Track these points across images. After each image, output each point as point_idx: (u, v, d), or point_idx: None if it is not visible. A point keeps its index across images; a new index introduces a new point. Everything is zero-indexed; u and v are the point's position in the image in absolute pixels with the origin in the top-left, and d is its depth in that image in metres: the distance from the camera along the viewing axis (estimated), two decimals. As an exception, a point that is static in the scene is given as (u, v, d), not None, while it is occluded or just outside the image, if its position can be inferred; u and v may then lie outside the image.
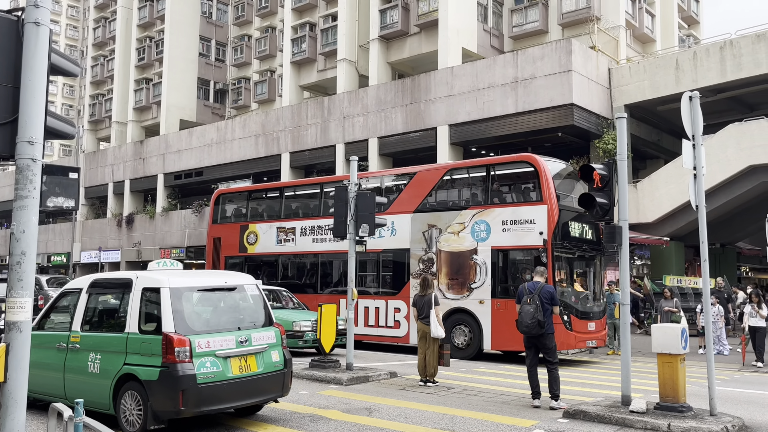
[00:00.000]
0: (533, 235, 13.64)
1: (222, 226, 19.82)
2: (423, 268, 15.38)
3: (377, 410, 8.36)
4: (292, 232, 17.93)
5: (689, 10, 36.95)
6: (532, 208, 13.85)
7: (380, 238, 15.57)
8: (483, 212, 14.54)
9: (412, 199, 15.99)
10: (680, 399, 7.80)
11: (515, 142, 26.71)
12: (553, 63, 23.98)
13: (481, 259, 14.41)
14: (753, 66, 22.54)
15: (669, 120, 26.00)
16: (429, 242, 15.43)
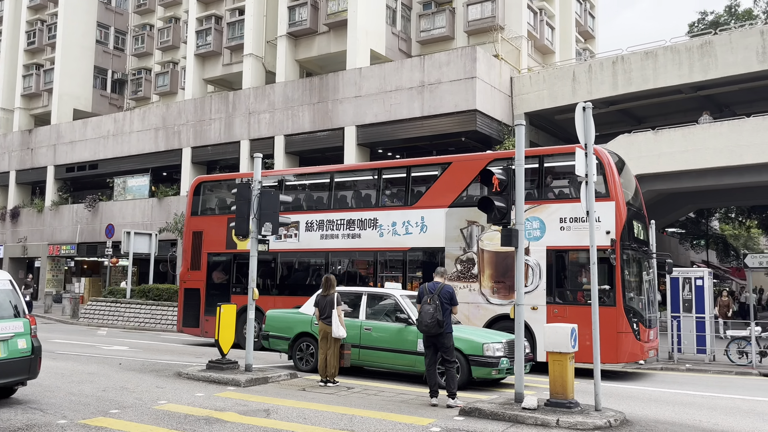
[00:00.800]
0: (598, 235, 12.05)
1: (204, 218, 17.69)
2: (461, 269, 13.84)
3: (275, 411, 8.24)
4: (294, 226, 15.82)
5: (586, 25, 38.86)
6: (597, 205, 12.37)
7: (407, 235, 14.40)
8: (536, 208, 13.03)
9: (446, 192, 14.25)
10: (569, 395, 8.17)
11: (421, 146, 27.18)
12: (459, 69, 24.56)
13: (534, 260, 12.97)
14: (641, 81, 24.00)
15: (565, 129, 27.22)
16: (468, 240, 13.80)
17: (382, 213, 14.95)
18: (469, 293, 13.56)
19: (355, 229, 15.22)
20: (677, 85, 23.82)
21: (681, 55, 23.39)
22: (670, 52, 23.63)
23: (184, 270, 17.84)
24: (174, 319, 22.34)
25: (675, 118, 26.48)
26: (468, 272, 13.81)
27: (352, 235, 15.22)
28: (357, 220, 15.24)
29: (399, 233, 14.61)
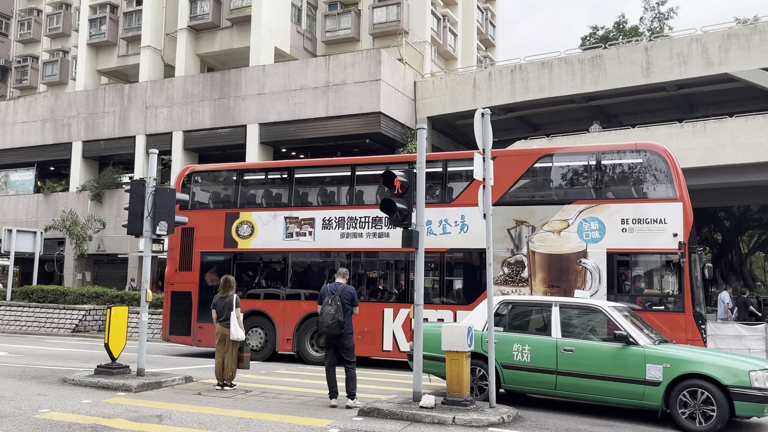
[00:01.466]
0: (664, 237, 11.75)
1: (196, 213, 15.35)
2: (509, 272, 12.89)
3: (169, 417, 7.94)
4: (309, 223, 14.55)
5: (487, 33, 40.11)
6: (663, 206, 11.95)
7: (444, 234, 13.31)
8: (594, 208, 12.32)
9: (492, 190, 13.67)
10: (465, 393, 8.37)
11: (325, 146, 27.10)
12: (363, 71, 24.69)
13: (593, 263, 12.21)
14: (538, 90, 25.04)
15: (466, 134, 27.97)
16: (517, 241, 12.88)
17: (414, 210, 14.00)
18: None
19: (382, 227, 13.81)
20: (570, 95, 25.03)
21: (574, 67, 24.59)
22: (565, 64, 24.80)
23: (170, 271, 15.58)
24: (62, 323, 21.11)
25: (568, 127, 27.81)
26: (517, 276, 12.88)
27: (378, 234, 13.84)
28: (385, 217, 13.55)
29: (435, 233, 13.35)
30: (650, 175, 12.50)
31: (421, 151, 9.40)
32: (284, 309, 14.49)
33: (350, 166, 14.96)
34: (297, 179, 15.31)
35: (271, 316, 14.47)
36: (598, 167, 12.77)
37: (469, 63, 34.93)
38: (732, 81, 23.02)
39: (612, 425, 8.25)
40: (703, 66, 22.81)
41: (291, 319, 14.34)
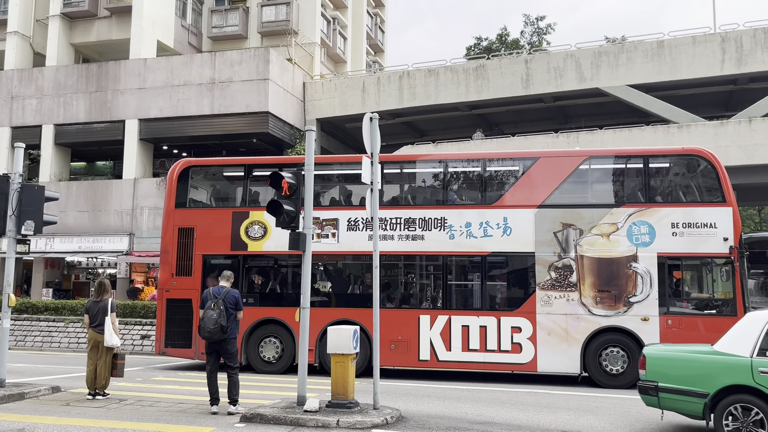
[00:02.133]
0: (715, 242, 11.87)
1: (196, 212, 14.19)
2: (556, 277, 12.53)
3: (32, 431, 7.38)
4: (332, 224, 13.47)
5: (376, 38, 40.58)
6: (713, 210, 12.05)
7: (485, 237, 12.80)
8: (644, 212, 12.29)
9: (534, 191, 12.89)
10: (349, 396, 8.38)
11: (210, 144, 26.35)
12: (251, 69, 24.23)
13: (643, 267, 12.15)
14: (425, 96, 25.63)
15: (355, 137, 28.13)
16: (564, 245, 12.57)
17: (452, 212, 13.09)
18: (567, 303, 12.40)
19: (416, 229, 13.15)
20: (455, 103, 25.82)
21: (459, 76, 25.39)
22: (450, 72, 25.54)
23: (165, 276, 13.93)
24: None
25: (453, 133, 28.68)
26: (565, 280, 12.54)
27: (412, 236, 13.18)
28: (419, 218, 13.15)
29: (475, 235, 12.89)
30: (699, 179, 12.73)
31: (309, 152, 9.33)
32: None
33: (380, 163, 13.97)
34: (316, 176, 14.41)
35: (289, 325, 13.20)
36: (645, 170, 12.75)
37: (359, 67, 35.19)
38: (602, 95, 24.63)
39: (490, 423, 8.55)
40: (577, 80, 24.25)
41: (313, 327, 12.54)
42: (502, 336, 12.54)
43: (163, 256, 14.01)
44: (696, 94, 24.87)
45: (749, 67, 22.46)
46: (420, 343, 12.80)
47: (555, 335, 12.35)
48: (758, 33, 22.41)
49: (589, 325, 12.25)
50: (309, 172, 9.21)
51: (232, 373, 8.70)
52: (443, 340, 12.76)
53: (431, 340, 12.80)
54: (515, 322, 12.52)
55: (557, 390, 11.58)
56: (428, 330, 12.82)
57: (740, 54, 22.45)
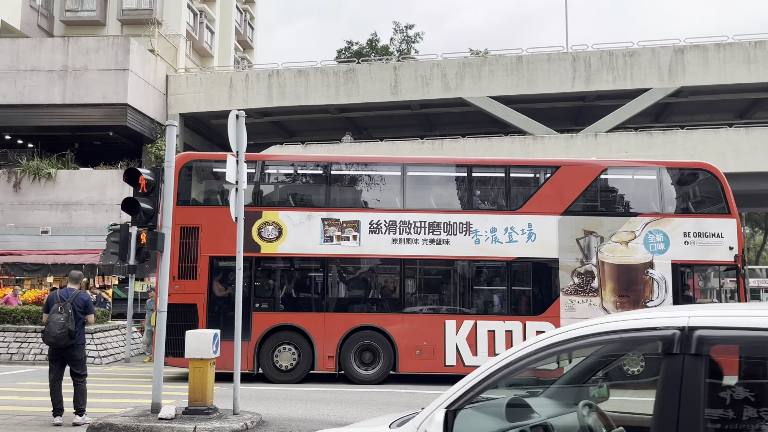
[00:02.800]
0: (722, 251, 12.59)
1: (202, 210, 13.12)
2: (579, 282, 12.83)
3: None
4: (353, 227, 12.88)
5: (245, 34, 39.75)
6: (719, 221, 12.83)
7: (511, 243, 12.84)
8: (659, 221, 12.87)
9: (557, 198, 13.13)
10: (208, 401, 8.10)
11: (60, 136, 24.55)
12: (110, 58, 22.88)
13: (659, 273, 12.68)
14: (294, 97, 25.43)
15: (221, 134, 27.36)
16: (586, 251, 12.88)
17: (477, 216, 13.07)
18: (589, 308, 12.70)
19: (441, 233, 12.97)
20: (325, 105, 25.84)
21: (330, 78, 25.44)
22: (321, 74, 25.53)
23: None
24: None
25: (322, 135, 28.67)
26: (587, 286, 12.88)
27: (437, 240, 12.96)
28: (444, 223, 12.99)
29: (501, 241, 12.94)
30: (707, 192, 13.54)
31: (170, 148, 8.92)
32: (325, 322, 12.81)
33: (401, 165, 13.60)
34: (334, 176, 13.71)
35: (307, 331, 12.66)
36: (659, 182, 13.37)
37: (226, 62, 34.28)
38: (466, 105, 25.69)
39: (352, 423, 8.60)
40: (443, 89, 25.12)
41: (334, 333, 12.72)
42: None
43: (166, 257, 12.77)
44: (550, 108, 26.59)
45: (596, 85, 24.37)
46: (446, 349, 12.70)
47: None
48: (604, 55, 24.38)
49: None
50: (169, 168, 8.81)
51: (80, 381, 8.14)
52: (469, 345, 12.72)
53: (457, 345, 12.74)
54: (540, 327, 12.58)
55: (426, 389, 11.86)
56: (454, 335, 12.74)
57: (589, 73, 24.31)
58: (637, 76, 24.01)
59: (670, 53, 23.88)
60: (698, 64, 23.58)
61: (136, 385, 11.92)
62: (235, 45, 37.24)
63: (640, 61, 24.00)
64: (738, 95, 25.29)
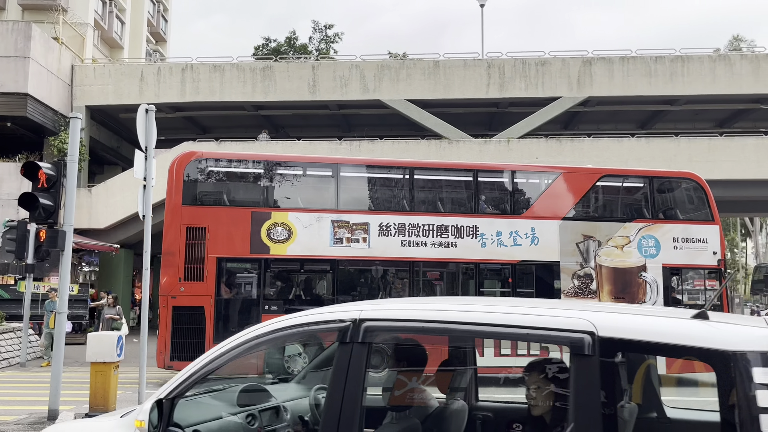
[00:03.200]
0: (707, 255, 13.45)
1: (208, 209, 12.86)
2: (579, 284, 13.46)
3: None
4: (362, 229, 13.04)
5: (158, 26, 38.45)
6: (704, 227, 13.64)
7: (515, 246, 13.25)
8: (651, 227, 13.57)
9: (558, 204, 13.68)
10: (110, 406, 7.74)
11: (-49, 125, 22.92)
12: (8, 45, 21.58)
13: (651, 276, 13.42)
14: (209, 92, 24.79)
15: (130, 129, 26.26)
16: (585, 255, 13.48)
17: (483, 220, 13.41)
18: None
19: (449, 236, 13.23)
20: (241, 102, 25.33)
21: (246, 74, 24.96)
22: (237, 70, 25.01)
23: (171, 280, 12.29)
24: None
25: (238, 132, 28.09)
26: (586, 288, 13.48)
27: (445, 243, 13.21)
28: (451, 226, 13.28)
29: (506, 244, 13.31)
30: (693, 200, 14.32)
31: (74, 141, 8.49)
32: None
33: (409, 169, 13.79)
34: (343, 178, 13.78)
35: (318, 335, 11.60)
36: (651, 190, 14.06)
37: (137, 54, 33.01)
38: (384, 107, 25.82)
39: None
40: (361, 90, 25.15)
41: None
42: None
43: (167, 258, 12.41)
44: (465, 113, 27.14)
45: (510, 92, 25.06)
46: None
47: None
48: (518, 63, 25.11)
49: None
50: (72, 163, 8.37)
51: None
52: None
53: None
54: None
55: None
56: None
57: (503, 80, 24.98)
58: (548, 85, 24.85)
59: (579, 64, 24.85)
60: (604, 76, 24.66)
61: (32, 391, 11.25)
62: (147, 37, 35.92)
63: (551, 71, 24.88)
64: (640, 106, 26.61)
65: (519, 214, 13.70)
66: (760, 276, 44.88)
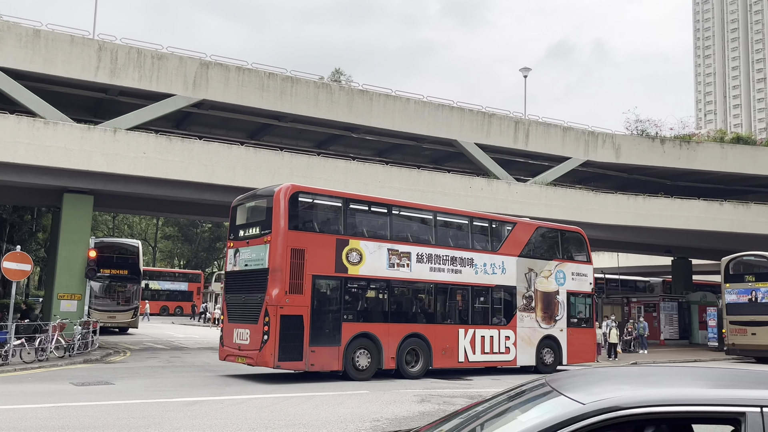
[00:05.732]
0: (586, 284, 20.65)
1: (307, 235, 15.55)
2: (526, 303, 19.11)
3: None
4: (406, 256, 16.96)
5: None
6: (585, 266, 20.87)
7: (493, 274, 18.53)
8: (561, 264, 20.14)
9: (516, 245, 19.30)
10: None
11: None
12: None
13: (561, 299, 19.94)
14: None
15: None
16: (529, 282, 19.25)
17: (477, 254, 18.39)
18: (531, 320, 19.17)
19: (457, 265, 17.85)
20: None
21: None
22: None
23: (279, 293, 14.69)
24: None
25: None
26: (529, 305, 19.13)
27: (454, 270, 17.77)
28: (459, 257, 17.95)
29: (487, 272, 18.48)
30: (579, 246, 21.10)
31: None
32: (388, 330, 16.31)
33: (434, 212, 18.33)
34: (395, 215, 17.60)
35: (377, 338, 15.96)
36: (562, 239, 20.72)
37: None
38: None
39: None
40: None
41: (393, 339, 16.30)
42: (501, 343, 18.42)
43: (274, 274, 14.80)
44: (69, 94, 24.49)
45: (121, 80, 23.28)
46: (459, 350, 17.56)
47: (524, 341, 18.94)
48: (132, 51, 23.56)
49: (539, 334, 19.30)
50: None
51: None
52: (471, 347, 17.77)
53: (465, 347, 17.64)
54: (506, 333, 18.59)
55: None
56: (463, 339, 17.66)
57: (115, 66, 23.12)
58: (163, 80, 23.95)
59: (197, 65, 24.51)
60: (220, 81, 24.80)
61: None
62: None
63: (168, 66, 24.00)
64: (251, 117, 27.41)
65: (496, 251, 18.88)
66: None
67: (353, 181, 25.23)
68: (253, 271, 15.54)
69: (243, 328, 15.47)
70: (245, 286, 15.86)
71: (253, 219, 16.75)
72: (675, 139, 32.88)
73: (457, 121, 28.55)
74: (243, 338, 15.36)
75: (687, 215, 31.84)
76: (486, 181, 28.56)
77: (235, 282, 16.46)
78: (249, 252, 15.85)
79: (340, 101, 26.41)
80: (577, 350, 20.08)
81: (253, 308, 15.18)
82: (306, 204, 16.17)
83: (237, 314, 15.97)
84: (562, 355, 19.71)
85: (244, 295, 15.78)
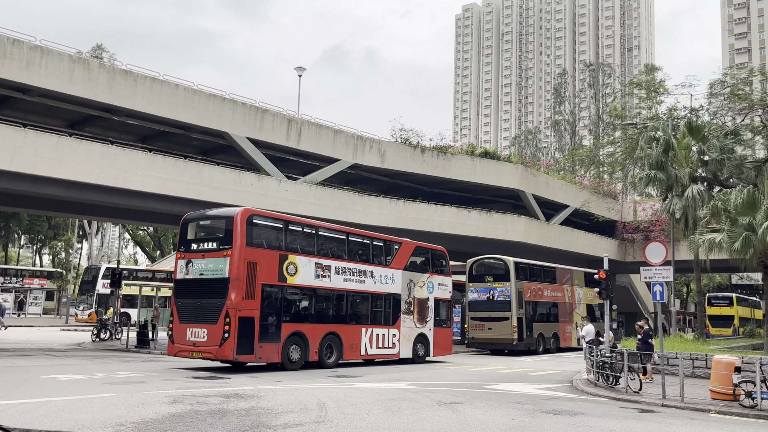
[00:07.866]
0: (446, 292, 25.80)
1: (259, 250, 18.80)
2: (407, 307, 23.61)
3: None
4: (328, 269, 20.72)
5: None
6: (446, 278, 26.09)
7: (385, 284, 22.81)
8: (431, 276, 25.01)
9: (401, 260, 23.82)
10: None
11: None
12: None
13: (431, 304, 24.77)
14: None
15: None
16: (410, 291, 23.82)
17: (375, 268, 22.64)
18: (410, 321, 23.72)
19: (362, 276, 21.97)
20: None
21: None
22: None
23: (238, 299, 17.73)
24: None
25: None
26: (409, 309, 23.72)
27: (359, 280, 21.84)
28: (363, 270, 22.09)
29: (383, 282, 22.80)
30: (441, 262, 26.10)
31: None
32: (313, 330, 19.94)
33: (346, 233, 22.65)
34: (320, 236, 21.37)
35: (306, 335, 19.52)
36: (432, 255, 25.85)
37: None
38: None
39: None
40: None
41: (317, 337, 19.93)
42: (389, 339, 22.79)
43: (234, 282, 17.80)
44: None
45: None
46: (361, 345, 21.79)
47: (405, 338, 23.45)
48: None
49: (415, 333, 23.85)
50: None
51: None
52: (370, 342, 22.06)
53: (365, 343, 21.92)
54: (393, 332, 23.01)
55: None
56: (365, 337, 21.92)
57: None
58: None
59: None
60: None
61: None
62: None
63: None
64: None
65: (388, 265, 23.23)
66: (89, 277, 46.82)
67: (110, 167, 23.41)
68: (210, 280, 18.32)
69: (199, 327, 18.06)
70: (201, 292, 18.47)
71: (208, 235, 19.73)
72: (434, 149, 35.29)
73: (229, 113, 27.72)
74: (199, 336, 17.95)
75: (440, 220, 34.52)
76: (256, 177, 28.17)
77: (187, 288, 18.88)
78: (205, 263, 18.60)
79: (100, 79, 24.13)
80: (440, 345, 25.00)
81: (211, 311, 17.83)
82: (258, 225, 19.30)
83: (190, 316, 18.48)
84: (431, 349, 24.53)
85: (200, 300, 18.38)
